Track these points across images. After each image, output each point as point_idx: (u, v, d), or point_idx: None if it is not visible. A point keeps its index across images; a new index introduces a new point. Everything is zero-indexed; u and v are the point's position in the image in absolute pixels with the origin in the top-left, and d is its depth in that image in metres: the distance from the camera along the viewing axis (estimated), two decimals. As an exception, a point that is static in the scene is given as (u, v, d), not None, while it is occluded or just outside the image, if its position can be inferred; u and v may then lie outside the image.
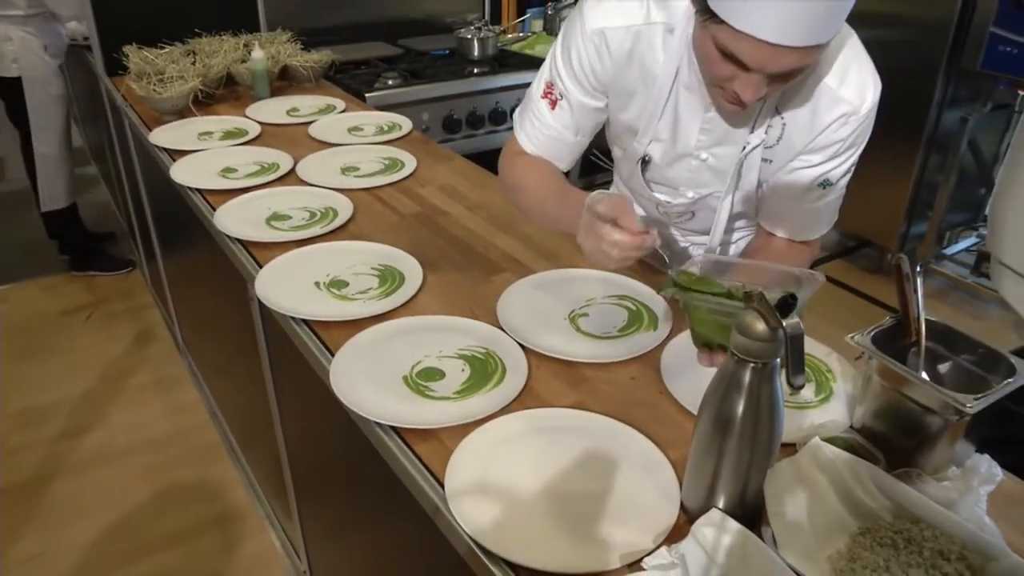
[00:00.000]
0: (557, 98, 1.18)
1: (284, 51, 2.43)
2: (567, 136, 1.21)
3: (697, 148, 1.18)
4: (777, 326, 0.72)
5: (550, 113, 1.20)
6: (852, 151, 1.10)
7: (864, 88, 1.05)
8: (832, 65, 1.03)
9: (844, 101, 1.05)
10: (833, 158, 1.10)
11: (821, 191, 1.14)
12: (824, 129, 1.07)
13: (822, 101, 1.06)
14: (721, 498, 0.81)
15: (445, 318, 1.20)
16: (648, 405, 1.02)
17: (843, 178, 1.14)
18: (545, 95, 1.20)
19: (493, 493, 0.87)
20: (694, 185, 1.24)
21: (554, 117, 1.20)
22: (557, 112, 1.19)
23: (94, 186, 4.19)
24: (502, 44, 3.12)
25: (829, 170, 1.11)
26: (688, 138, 1.17)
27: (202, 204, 1.63)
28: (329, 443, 1.39)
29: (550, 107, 1.20)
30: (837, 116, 1.06)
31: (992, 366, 0.89)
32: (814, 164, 1.11)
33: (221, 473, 2.31)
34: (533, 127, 1.22)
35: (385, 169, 1.78)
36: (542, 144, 1.22)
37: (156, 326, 3.05)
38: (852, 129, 1.07)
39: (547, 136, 1.21)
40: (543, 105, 1.20)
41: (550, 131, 1.21)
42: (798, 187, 1.14)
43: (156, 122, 2.09)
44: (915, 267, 0.89)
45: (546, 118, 1.20)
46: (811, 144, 1.09)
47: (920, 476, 0.86)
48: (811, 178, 1.12)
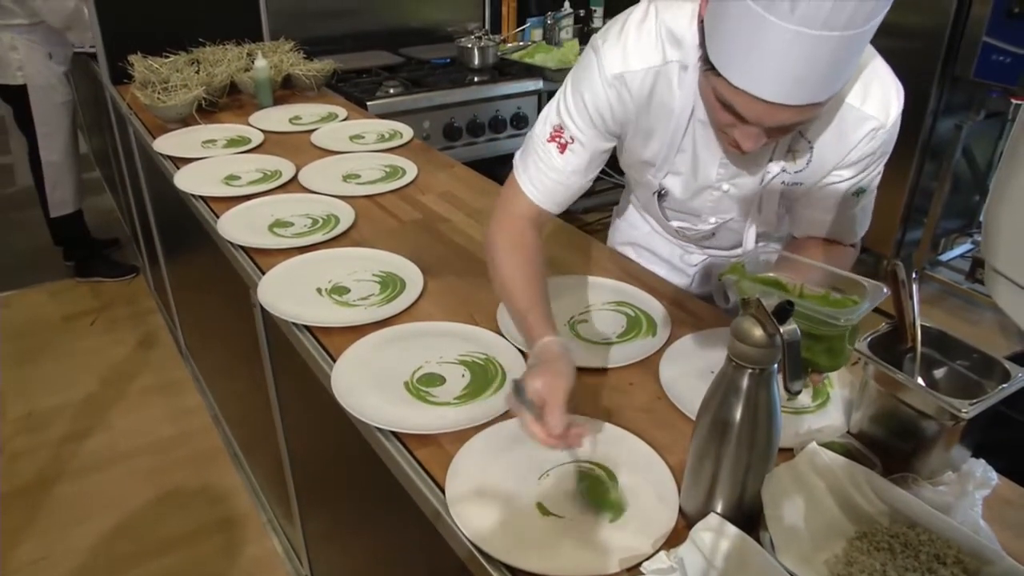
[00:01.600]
0: (568, 142, 1.12)
1: (287, 60, 2.44)
2: (575, 181, 1.15)
3: (718, 180, 1.17)
4: (775, 332, 0.73)
5: (560, 157, 1.13)
6: (883, 159, 1.10)
7: (888, 101, 1.03)
8: (853, 84, 1.02)
9: (871, 118, 1.03)
10: (865, 169, 1.10)
11: (856, 199, 1.14)
12: (854, 147, 1.06)
13: (848, 120, 1.04)
14: (719, 503, 0.81)
15: (446, 324, 1.21)
16: (647, 410, 1.02)
17: (875, 179, 1.14)
18: (553, 139, 1.13)
19: (493, 498, 0.88)
20: (715, 212, 1.23)
21: (564, 161, 1.13)
22: (568, 156, 1.13)
23: (99, 193, 4.21)
24: (502, 53, 3.14)
25: (862, 180, 1.11)
26: (708, 171, 1.16)
27: (205, 211, 1.64)
28: (330, 448, 1.40)
29: (559, 150, 1.13)
30: (865, 133, 1.04)
31: (987, 371, 0.90)
32: (847, 178, 1.10)
33: (223, 477, 2.32)
34: (539, 170, 1.14)
35: (386, 176, 1.80)
36: (547, 188, 1.14)
37: (159, 331, 3.07)
38: (881, 142, 1.06)
39: (553, 181, 1.14)
40: (551, 149, 1.13)
41: (558, 175, 1.13)
42: (834, 199, 1.13)
43: (160, 130, 2.10)
44: (910, 273, 0.90)
45: (554, 161, 1.13)
46: (842, 162, 1.08)
47: (916, 481, 0.86)
48: (845, 190, 1.12)
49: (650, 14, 1.06)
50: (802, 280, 0.91)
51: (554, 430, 0.86)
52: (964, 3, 2.86)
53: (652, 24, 1.05)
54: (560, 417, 0.86)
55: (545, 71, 2.98)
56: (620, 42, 1.06)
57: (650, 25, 1.05)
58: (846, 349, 0.88)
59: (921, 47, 2.97)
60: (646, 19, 1.06)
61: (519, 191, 1.16)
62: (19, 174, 3.46)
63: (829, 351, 0.87)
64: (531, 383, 0.89)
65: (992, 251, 0.54)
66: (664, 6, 1.05)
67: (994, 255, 0.54)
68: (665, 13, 1.05)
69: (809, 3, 0.77)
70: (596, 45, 1.08)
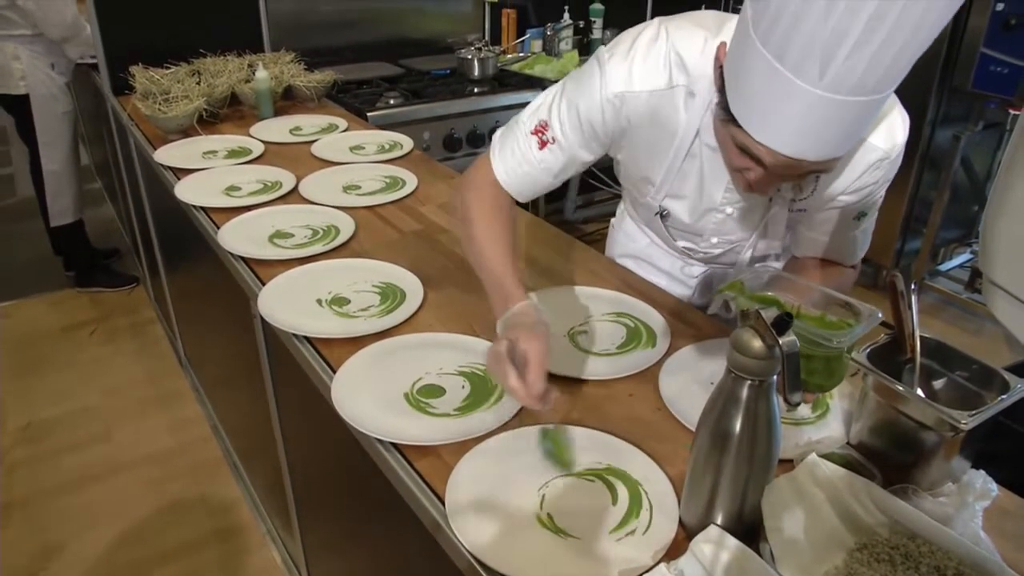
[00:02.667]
0: (549, 141, 1.13)
1: (288, 71, 2.45)
2: (545, 178, 1.16)
3: (723, 204, 1.17)
4: (774, 344, 0.73)
5: (537, 153, 1.13)
6: (886, 185, 1.10)
7: (894, 132, 1.03)
8: None
9: (877, 149, 1.03)
10: (868, 196, 1.10)
11: (857, 222, 1.14)
12: (859, 177, 1.06)
13: (855, 151, 1.03)
14: (719, 514, 0.81)
15: (446, 335, 1.21)
16: (646, 422, 1.03)
17: (877, 203, 1.14)
18: (536, 133, 1.14)
19: (493, 509, 0.88)
20: (719, 233, 1.24)
21: (540, 158, 1.14)
22: (545, 153, 1.13)
23: (99, 203, 4.22)
24: (502, 64, 3.16)
25: (864, 204, 1.12)
26: (713, 196, 1.16)
27: (206, 222, 1.64)
28: (330, 459, 1.39)
29: (539, 146, 1.13)
30: (871, 163, 1.04)
31: (986, 382, 0.90)
32: (850, 203, 1.10)
33: (223, 488, 2.31)
34: (514, 158, 1.15)
35: (386, 187, 1.80)
36: (518, 177, 1.16)
37: (159, 341, 3.07)
38: (885, 171, 1.06)
39: (526, 172, 1.15)
40: (532, 142, 1.14)
41: (531, 168, 1.14)
42: (835, 222, 1.14)
43: (161, 141, 2.11)
44: (909, 284, 0.91)
45: (531, 155, 1.14)
46: (846, 189, 1.08)
47: (916, 492, 0.86)
48: (848, 214, 1.12)
49: (661, 35, 1.04)
50: (800, 301, 0.91)
51: (534, 389, 0.90)
52: (961, 15, 2.88)
53: (663, 46, 1.04)
54: (541, 377, 0.91)
55: (545, 82, 2.99)
56: (627, 60, 1.05)
57: (660, 47, 1.04)
58: (840, 370, 0.89)
59: (920, 57, 2.98)
60: (656, 40, 1.04)
61: (490, 171, 1.17)
62: (20, 185, 3.47)
63: (823, 371, 0.88)
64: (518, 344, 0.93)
65: (990, 264, 0.54)
66: (675, 28, 1.04)
67: (992, 268, 0.54)
68: (676, 35, 1.04)
69: (839, 70, 0.76)
70: (603, 59, 1.07)
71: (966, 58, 2.90)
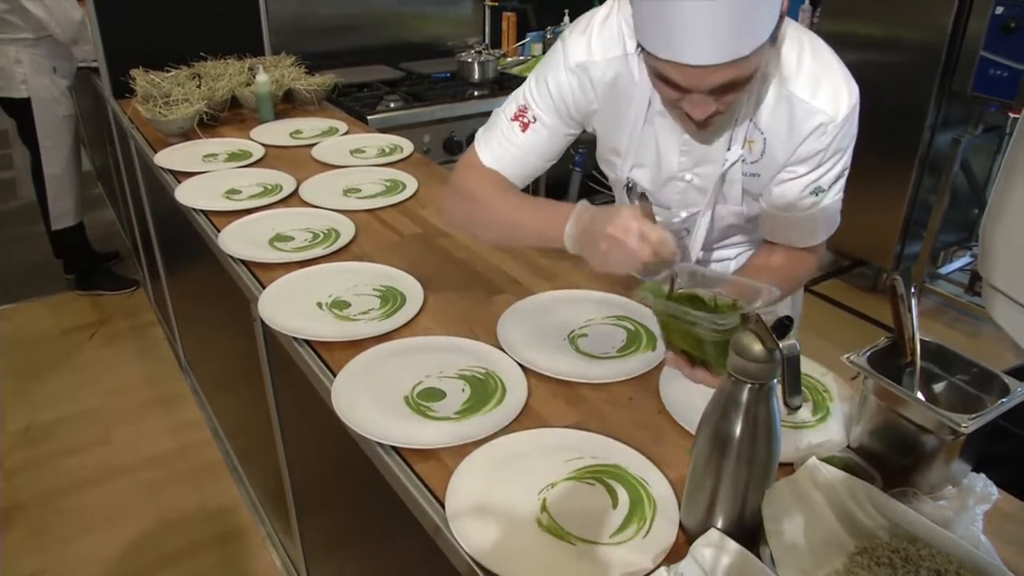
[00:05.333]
0: (530, 121, 1.19)
1: (288, 74, 2.46)
2: (532, 160, 1.22)
3: (680, 170, 1.22)
4: (774, 347, 0.73)
5: (520, 135, 1.20)
6: (838, 156, 1.12)
7: (838, 97, 1.07)
8: (800, 76, 1.07)
9: (819, 112, 1.07)
10: (819, 166, 1.12)
11: (814, 198, 1.16)
12: (803, 140, 1.09)
13: (797, 113, 1.08)
14: (719, 518, 0.81)
15: (446, 338, 1.21)
16: (647, 425, 1.03)
17: (836, 183, 1.16)
18: (516, 118, 1.20)
19: (493, 513, 0.88)
20: (684, 205, 1.27)
21: (524, 139, 1.20)
22: (528, 135, 1.20)
23: (100, 206, 4.22)
24: (502, 67, 3.16)
25: (818, 177, 1.13)
26: (670, 162, 1.21)
27: (206, 225, 1.64)
28: (330, 462, 1.39)
29: (521, 129, 1.20)
30: (814, 127, 1.08)
31: (986, 385, 0.90)
32: (801, 174, 1.13)
33: (223, 491, 2.31)
34: (500, 145, 1.21)
35: (386, 191, 1.80)
36: (506, 162, 1.21)
37: (159, 344, 3.07)
38: (832, 137, 1.08)
39: (513, 156, 1.21)
40: (514, 127, 1.20)
41: (517, 151, 1.20)
42: (790, 197, 1.16)
43: (162, 144, 2.11)
44: (909, 288, 0.91)
45: (515, 139, 1.20)
46: (793, 156, 1.11)
47: (916, 495, 0.86)
48: (801, 187, 1.14)
49: (613, 10, 1.14)
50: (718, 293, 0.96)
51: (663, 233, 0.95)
52: (961, 18, 2.89)
53: (615, 19, 1.13)
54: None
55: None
56: (585, 35, 1.15)
57: (612, 20, 1.14)
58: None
59: (919, 62, 3.00)
60: (609, 15, 1.14)
61: (478, 161, 1.23)
62: (21, 188, 3.47)
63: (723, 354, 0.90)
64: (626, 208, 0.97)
65: (989, 268, 0.54)
66: (624, 3, 1.13)
67: (991, 272, 0.54)
68: (625, 9, 1.11)
69: None
70: (564, 36, 1.18)
71: (966, 62, 2.91)
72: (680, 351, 0.97)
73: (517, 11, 3.42)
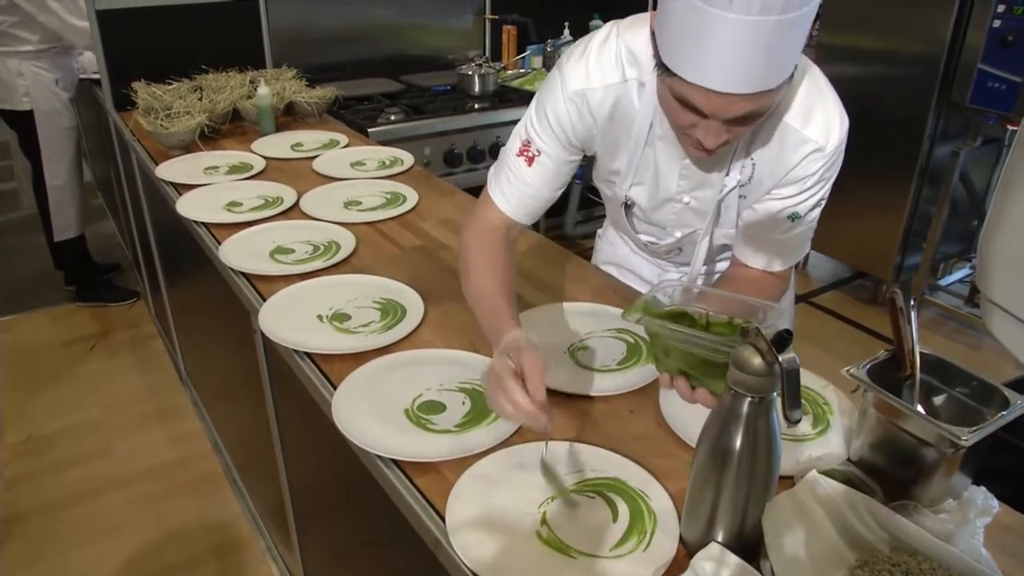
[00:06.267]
0: (535, 155, 1.19)
1: (289, 87, 2.47)
2: (544, 192, 1.21)
3: (679, 193, 1.22)
4: (773, 361, 0.73)
5: (528, 170, 1.19)
6: (820, 186, 1.13)
7: (829, 126, 1.07)
8: (793, 105, 1.06)
9: (810, 141, 1.07)
10: (802, 192, 1.12)
11: (790, 223, 1.16)
12: (793, 168, 1.10)
13: (788, 141, 1.08)
14: (720, 531, 0.81)
15: (446, 351, 1.22)
16: (647, 438, 1.03)
17: (812, 211, 1.16)
18: (521, 153, 1.20)
19: (493, 526, 0.87)
20: (679, 226, 1.28)
21: (532, 174, 1.19)
22: (535, 169, 1.19)
23: (100, 218, 4.23)
24: (502, 80, 3.18)
25: (798, 203, 1.14)
26: (669, 185, 1.21)
27: (207, 237, 1.65)
28: (330, 475, 1.39)
29: (527, 164, 1.19)
30: (804, 155, 1.08)
31: (986, 398, 0.90)
32: (784, 197, 1.14)
33: (222, 503, 2.30)
34: (510, 184, 1.21)
35: (387, 203, 1.81)
36: (517, 200, 1.21)
37: (159, 356, 3.07)
38: (820, 165, 1.09)
39: (523, 193, 1.20)
40: (520, 163, 1.20)
41: (527, 188, 1.20)
42: (768, 218, 1.16)
43: (163, 156, 2.12)
44: (909, 301, 0.91)
45: (524, 175, 1.20)
46: (781, 180, 1.12)
47: (917, 508, 0.86)
48: (779, 209, 1.15)
49: (611, 35, 1.12)
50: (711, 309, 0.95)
51: (537, 396, 0.90)
52: (959, 31, 2.90)
53: (613, 45, 1.11)
54: (541, 386, 0.91)
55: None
56: (583, 61, 1.13)
57: (611, 46, 1.11)
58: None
59: (918, 74, 3.01)
60: (607, 40, 1.12)
61: (491, 203, 1.22)
62: (22, 200, 3.48)
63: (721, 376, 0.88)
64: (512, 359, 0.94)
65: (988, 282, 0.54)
66: (624, 28, 1.12)
67: (990, 286, 0.54)
68: (625, 34, 1.11)
69: None
70: (560, 64, 1.15)
71: (964, 74, 2.93)
72: (678, 373, 0.96)
73: (517, 24, 3.43)
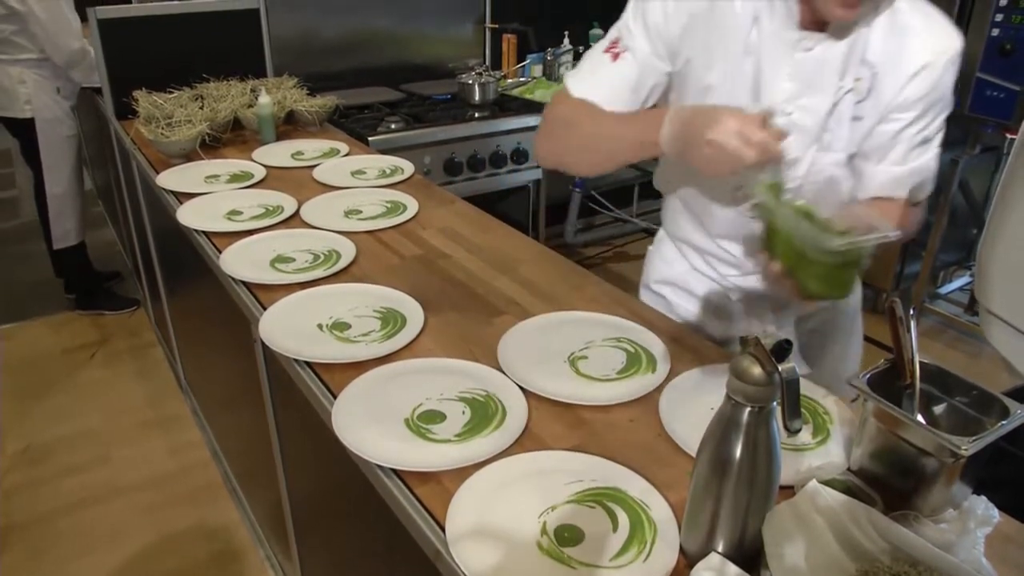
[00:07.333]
0: (621, 51, 1.17)
1: (290, 96, 2.48)
2: (623, 90, 1.18)
3: (785, 100, 1.14)
4: (773, 371, 0.73)
5: (612, 64, 1.17)
6: (941, 105, 1.14)
7: (949, 35, 1.08)
8: (915, 9, 1.07)
9: (930, 48, 1.08)
10: (924, 114, 1.12)
11: (921, 150, 1.16)
12: (912, 78, 1.09)
13: (910, 44, 1.08)
14: (720, 541, 0.81)
15: (446, 360, 1.22)
16: (647, 447, 1.02)
17: (938, 135, 1.16)
18: (609, 50, 1.18)
19: (494, 536, 0.87)
20: None
21: (615, 67, 1.17)
22: (619, 64, 1.17)
23: (101, 226, 4.23)
24: (502, 89, 3.18)
25: (924, 126, 1.14)
26: (773, 92, 1.14)
27: (207, 246, 1.65)
28: (330, 484, 1.39)
29: (612, 59, 1.17)
30: (924, 63, 1.08)
31: (986, 408, 0.90)
32: (905, 121, 1.13)
33: (222, 513, 2.30)
34: (592, 76, 1.19)
35: (387, 212, 1.81)
36: (596, 88, 1.19)
37: (159, 364, 3.07)
38: (939, 76, 1.09)
39: (603, 83, 1.18)
40: (606, 58, 1.18)
41: (609, 78, 1.18)
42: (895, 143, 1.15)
43: (164, 165, 2.13)
44: (908, 310, 0.91)
45: (606, 66, 1.18)
46: (900, 97, 1.11)
47: (917, 518, 0.86)
48: (905, 134, 1.14)
49: None
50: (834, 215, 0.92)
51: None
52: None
53: None
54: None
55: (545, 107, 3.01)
56: None
57: None
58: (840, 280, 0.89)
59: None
60: None
61: (567, 94, 1.21)
62: (23, 207, 3.49)
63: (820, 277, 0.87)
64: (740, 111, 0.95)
65: (986, 293, 0.54)
66: None
67: (988, 297, 0.54)
68: None
69: None
70: None
71: (962, 83, 2.93)
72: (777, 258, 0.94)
73: (517, 33, 3.45)
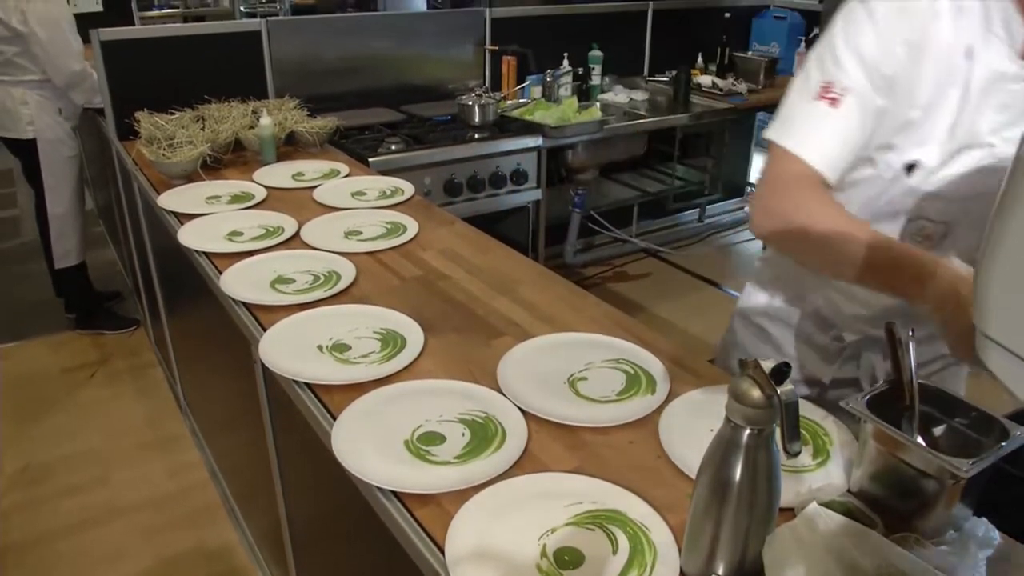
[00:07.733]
0: (839, 95, 1.00)
1: (291, 117, 2.49)
2: (853, 137, 1.02)
3: (990, 132, 1.02)
4: (772, 393, 0.74)
5: (835, 111, 1.01)
6: None
7: None
8: None
9: None
10: None
11: None
12: None
13: None
14: (720, 564, 0.81)
15: (446, 382, 1.22)
16: (646, 469, 1.02)
17: None
18: (822, 96, 1.01)
19: (493, 558, 0.87)
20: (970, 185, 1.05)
21: (838, 116, 1.01)
22: (843, 111, 1.00)
23: (102, 246, 4.25)
24: (502, 110, 3.20)
25: None
26: (977, 123, 1.02)
27: (208, 267, 1.66)
28: (329, 506, 1.39)
29: (831, 105, 1.01)
30: None
31: (986, 429, 0.90)
32: None
33: (220, 534, 2.29)
34: (817, 132, 1.02)
35: (387, 233, 1.82)
36: (823, 147, 1.02)
37: (159, 385, 3.06)
38: None
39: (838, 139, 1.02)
40: (820, 105, 1.01)
41: (832, 131, 1.01)
42: None
43: (165, 186, 2.14)
44: (907, 332, 0.91)
45: (831, 117, 1.01)
46: None
47: (918, 541, 0.86)
48: None
49: None
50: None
51: None
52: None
53: None
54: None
55: (545, 128, 3.03)
56: None
57: None
58: None
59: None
60: None
61: (791, 157, 1.03)
62: (24, 227, 3.51)
63: None
64: None
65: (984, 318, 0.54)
66: None
67: (986, 322, 0.54)
68: None
69: None
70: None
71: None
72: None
73: (517, 55, 3.47)
